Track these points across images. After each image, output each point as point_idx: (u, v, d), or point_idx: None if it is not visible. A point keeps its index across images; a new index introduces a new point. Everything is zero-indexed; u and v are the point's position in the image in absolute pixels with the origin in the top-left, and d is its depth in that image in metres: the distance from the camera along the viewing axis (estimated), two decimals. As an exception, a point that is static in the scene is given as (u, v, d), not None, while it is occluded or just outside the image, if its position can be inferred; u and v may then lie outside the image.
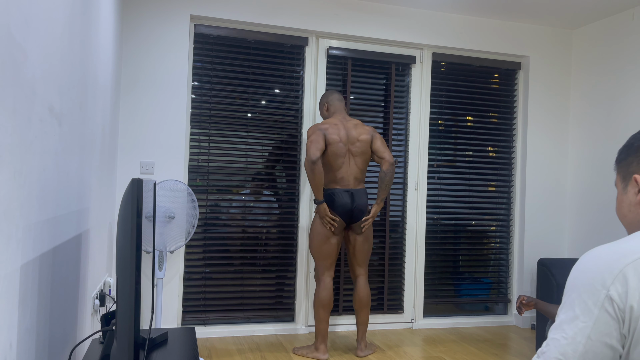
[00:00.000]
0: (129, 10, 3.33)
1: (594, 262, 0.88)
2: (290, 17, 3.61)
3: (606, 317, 0.84)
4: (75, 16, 1.67)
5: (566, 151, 4.21)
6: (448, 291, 4.07)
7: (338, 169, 3.16)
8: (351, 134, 3.17)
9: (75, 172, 1.78)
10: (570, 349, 0.86)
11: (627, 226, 1.03)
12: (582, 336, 0.85)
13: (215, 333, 3.52)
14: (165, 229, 3.09)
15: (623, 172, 1.06)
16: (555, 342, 0.88)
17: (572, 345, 0.86)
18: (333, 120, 3.20)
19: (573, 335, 0.86)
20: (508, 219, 4.20)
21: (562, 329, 0.88)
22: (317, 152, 3.02)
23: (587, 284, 0.87)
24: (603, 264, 0.87)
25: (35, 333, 1.30)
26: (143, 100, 3.35)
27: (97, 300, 2.36)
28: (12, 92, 1.03)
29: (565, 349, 0.86)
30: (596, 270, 0.87)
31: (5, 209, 1.01)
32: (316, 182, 3.03)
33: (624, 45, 3.72)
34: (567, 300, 0.90)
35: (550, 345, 0.89)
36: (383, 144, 3.22)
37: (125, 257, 1.26)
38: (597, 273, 0.87)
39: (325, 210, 3.11)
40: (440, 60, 4.00)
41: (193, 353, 1.73)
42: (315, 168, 3.01)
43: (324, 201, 3.13)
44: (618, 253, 0.87)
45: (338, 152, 3.14)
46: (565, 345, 0.86)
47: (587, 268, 0.89)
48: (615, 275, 0.85)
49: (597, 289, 0.85)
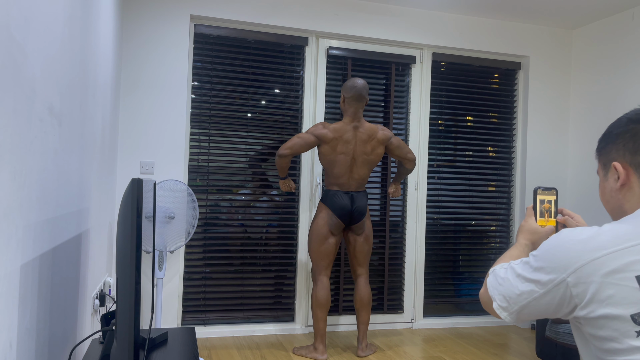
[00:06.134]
0: (129, 10, 3.33)
1: (570, 244, 0.96)
2: (290, 17, 3.61)
3: (554, 294, 0.96)
4: (75, 16, 1.67)
5: (566, 151, 4.21)
6: (448, 291, 4.07)
7: (340, 176, 3.17)
8: (360, 150, 3.15)
9: (75, 172, 1.78)
10: (513, 299, 1.01)
11: (610, 212, 1.10)
12: (528, 296, 0.99)
13: (215, 333, 3.52)
14: (165, 229, 3.09)
15: (603, 160, 1.10)
16: (507, 282, 1.03)
17: (516, 297, 1.01)
18: (345, 127, 3.14)
19: (522, 291, 1.00)
20: (508, 219, 4.20)
21: (518, 276, 1.02)
22: (287, 150, 3.09)
23: (554, 260, 0.96)
24: (575, 250, 0.95)
25: (35, 333, 1.30)
26: (143, 100, 3.35)
27: (97, 300, 2.36)
28: (12, 92, 1.03)
29: (510, 296, 1.02)
30: (567, 252, 0.95)
31: (5, 209, 1.01)
32: (280, 168, 3.20)
33: (624, 45, 3.72)
34: (535, 261, 1.00)
35: (502, 279, 1.05)
36: (402, 145, 3.25)
37: (125, 257, 1.26)
38: (566, 256, 0.95)
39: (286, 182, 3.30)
40: (440, 60, 4.00)
41: (193, 353, 1.73)
42: (281, 161, 3.14)
43: (288, 177, 3.31)
44: (592, 244, 0.93)
45: (341, 163, 3.15)
46: (512, 294, 1.02)
47: (562, 247, 0.97)
48: (580, 265, 0.93)
49: (560, 270, 0.95)
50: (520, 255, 1.19)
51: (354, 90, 3.14)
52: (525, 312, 1.01)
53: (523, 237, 1.24)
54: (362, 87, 3.15)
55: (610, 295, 0.90)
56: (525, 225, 1.25)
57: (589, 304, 0.92)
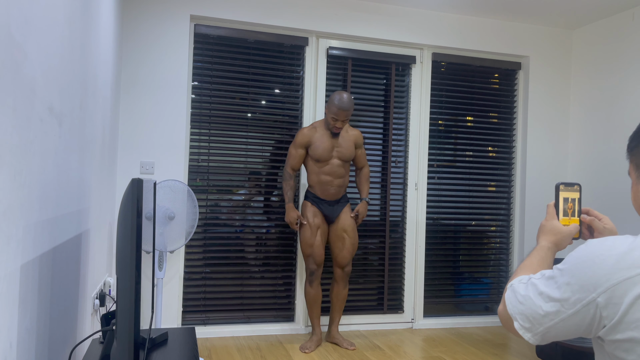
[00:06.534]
0: (129, 10, 3.32)
1: (600, 259, 0.85)
2: (290, 17, 3.61)
3: (583, 315, 0.86)
4: (75, 16, 1.67)
5: (566, 151, 4.21)
6: (448, 291, 4.07)
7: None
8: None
9: (75, 172, 1.78)
10: (537, 320, 0.90)
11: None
12: (554, 317, 0.89)
13: (215, 333, 3.52)
14: (165, 229, 3.09)
15: (636, 161, 0.97)
16: (529, 301, 0.92)
17: (541, 318, 0.90)
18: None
19: (546, 312, 0.89)
20: (508, 219, 4.20)
21: (541, 294, 0.91)
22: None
23: (583, 277, 0.86)
24: (606, 267, 0.84)
25: (35, 333, 1.30)
26: (143, 100, 3.35)
27: (97, 300, 2.36)
28: (12, 92, 1.03)
29: (533, 316, 0.91)
30: (597, 269, 0.85)
31: (5, 209, 1.01)
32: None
33: (624, 45, 3.72)
34: (561, 277, 0.90)
35: (522, 297, 0.93)
36: None
37: (125, 257, 1.26)
38: (597, 273, 0.85)
39: None
40: (440, 60, 4.00)
41: (193, 353, 1.73)
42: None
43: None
44: (626, 261, 0.83)
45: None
46: (536, 314, 0.90)
47: (592, 262, 0.86)
48: (611, 285, 0.84)
49: (589, 289, 0.85)
50: (543, 261, 1.06)
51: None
52: (552, 333, 0.90)
53: (545, 239, 1.10)
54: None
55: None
56: (546, 225, 1.11)
57: (617, 325, 0.84)
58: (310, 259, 3.32)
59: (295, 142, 3.33)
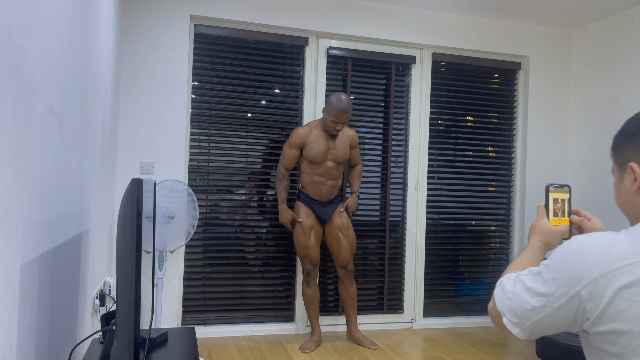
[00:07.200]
0: (129, 10, 3.33)
1: (584, 254, 0.90)
2: (290, 17, 3.61)
3: (568, 308, 0.90)
4: (75, 16, 1.67)
5: (566, 151, 4.21)
6: (448, 291, 4.07)
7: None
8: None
9: (75, 172, 1.78)
10: (525, 315, 0.95)
11: (626, 215, 1.03)
12: (541, 311, 0.93)
13: (215, 333, 3.52)
14: (165, 229, 3.09)
15: (619, 160, 1.02)
16: (516, 297, 0.96)
17: (528, 312, 0.94)
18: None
19: (533, 306, 0.94)
20: (508, 219, 4.20)
21: (528, 289, 0.95)
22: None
23: (567, 272, 0.90)
24: (589, 261, 0.88)
25: (35, 333, 1.30)
26: (143, 100, 3.35)
27: (97, 300, 2.36)
28: (12, 92, 1.03)
29: (521, 311, 0.95)
30: (581, 264, 0.89)
31: (5, 209, 1.01)
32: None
33: (624, 45, 3.72)
34: (546, 272, 0.94)
35: (510, 293, 0.98)
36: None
37: (125, 257, 1.26)
38: (580, 267, 0.89)
39: None
40: (440, 60, 4.00)
41: (193, 353, 1.73)
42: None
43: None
44: (607, 256, 0.88)
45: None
46: (523, 309, 0.95)
47: (575, 257, 0.91)
48: (594, 278, 0.88)
49: (573, 283, 0.89)
50: (533, 260, 1.10)
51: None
52: (539, 328, 0.94)
53: (536, 239, 1.14)
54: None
55: (622, 310, 0.85)
56: (537, 225, 1.16)
57: (600, 317, 0.87)
58: (306, 260, 3.32)
59: (289, 141, 3.32)
